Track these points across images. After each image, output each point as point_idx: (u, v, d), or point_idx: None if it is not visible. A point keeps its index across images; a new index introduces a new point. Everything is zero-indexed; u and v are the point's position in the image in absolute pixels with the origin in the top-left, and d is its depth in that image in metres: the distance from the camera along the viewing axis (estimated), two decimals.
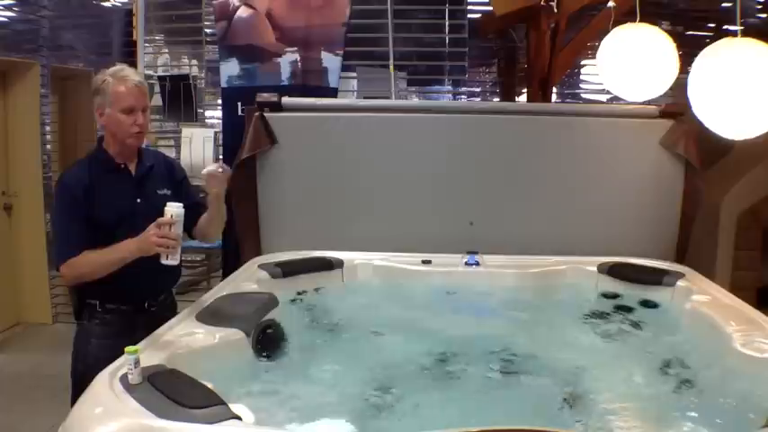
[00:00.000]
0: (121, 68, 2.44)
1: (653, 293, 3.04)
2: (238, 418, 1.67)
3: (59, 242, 2.38)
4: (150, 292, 2.50)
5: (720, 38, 2.37)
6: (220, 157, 4.97)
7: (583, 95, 6.46)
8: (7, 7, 5.66)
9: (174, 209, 2.17)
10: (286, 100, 3.54)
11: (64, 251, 2.33)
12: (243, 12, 4.53)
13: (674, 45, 3.11)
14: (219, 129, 5.02)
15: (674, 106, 3.41)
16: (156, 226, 2.15)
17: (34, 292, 5.73)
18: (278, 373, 2.29)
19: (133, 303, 2.46)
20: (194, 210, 2.48)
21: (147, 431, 1.61)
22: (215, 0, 4.67)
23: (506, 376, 2.37)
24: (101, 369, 1.91)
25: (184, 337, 2.21)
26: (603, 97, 5.76)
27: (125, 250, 2.25)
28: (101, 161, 2.45)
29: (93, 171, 2.42)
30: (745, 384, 2.10)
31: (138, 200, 2.42)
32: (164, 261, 2.19)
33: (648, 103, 3.49)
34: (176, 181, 2.58)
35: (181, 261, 2.66)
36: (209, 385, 1.82)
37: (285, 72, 4.51)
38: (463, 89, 6.49)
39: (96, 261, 2.29)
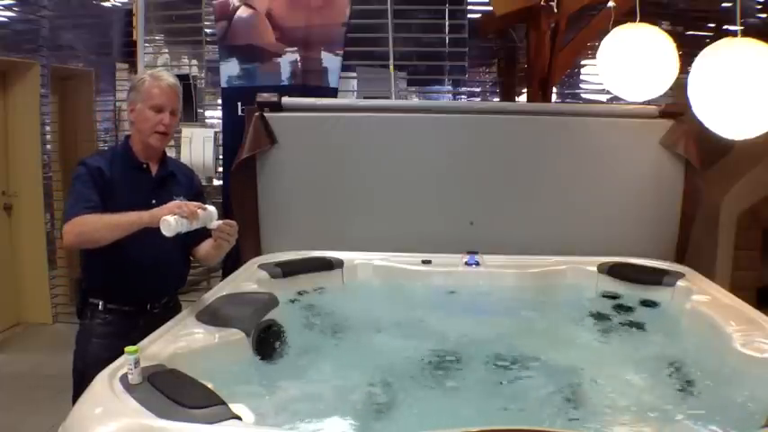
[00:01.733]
0: (159, 70, 2.56)
1: (653, 293, 3.03)
2: (238, 418, 1.67)
3: (69, 205, 2.33)
4: (153, 294, 2.50)
5: (720, 38, 2.37)
6: (220, 157, 4.97)
7: (583, 95, 6.47)
8: (7, 7, 5.65)
9: (212, 208, 2.26)
10: (286, 100, 3.54)
11: (71, 212, 2.28)
12: (243, 12, 4.53)
13: (674, 45, 3.11)
14: (219, 129, 5.02)
15: (674, 106, 3.41)
16: (184, 204, 2.17)
17: (34, 292, 5.74)
18: (278, 373, 2.28)
19: (135, 304, 2.46)
20: (201, 232, 2.49)
21: (147, 431, 1.60)
22: (215, 0, 4.68)
23: (506, 376, 2.37)
24: (101, 368, 1.90)
25: (184, 337, 2.21)
26: (603, 97, 5.76)
27: (134, 215, 2.19)
28: (123, 156, 2.48)
29: (114, 163, 2.44)
30: (746, 384, 2.10)
31: (154, 201, 2.40)
32: (162, 229, 2.12)
33: (648, 103, 3.49)
34: (193, 193, 2.59)
35: (188, 268, 2.68)
36: (210, 385, 1.81)
37: (285, 72, 4.51)
38: (463, 89, 6.49)
39: (101, 220, 2.23)
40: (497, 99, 6.49)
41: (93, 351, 2.40)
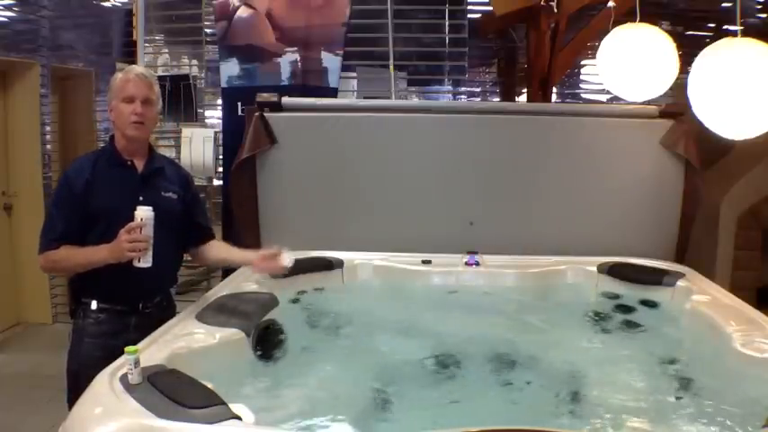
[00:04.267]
0: (131, 66, 2.55)
1: (653, 293, 3.04)
2: (238, 418, 1.67)
3: (44, 231, 2.43)
4: (145, 294, 2.49)
5: (720, 38, 2.37)
6: (220, 157, 4.97)
7: (583, 95, 6.46)
8: (7, 7, 5.65)
9: (142, 212, 2.25)
10: (286, 100, 3.54)
11: (44, 242, 2.40)
12: (243, 12, 4.53)
13: (674, 45, 3.11)
14: (219, 129, 5.02)
15: (674, 106, 3.42)
16: (126, 231, 2.22)
17: (34, 292, 5.73)
18: (278, 373, 2.29)
19: (127, 304, 2.46)
20: (198, 231, 2.63)
21: (147, 431, 1.61)
22: (215, 0, 4.68)
23: (506, 376, 2.37)
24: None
25: (184, 337, 2.21)
26: (603, 97, 5.76)
27: (97, 254, 2.32)
28: (108, 155, 2.50)
29: (98, 164, 2.46)
30: (745, 384, 2.11)
31: (141, 197, 2.42)
32: (136, 264, 2.26)
33: (648, 103, 3.49)
34: (189, 195, 2.62)
35: (180, 267, 2.68)
36: (209, 385, 1.81)
37: (285, 72, 4.51)
38: (463, 89, 6.49)
39: (70, 259, 2.38)
40: (497, 99, 6.49)
41: (86, 351, 2.40)
